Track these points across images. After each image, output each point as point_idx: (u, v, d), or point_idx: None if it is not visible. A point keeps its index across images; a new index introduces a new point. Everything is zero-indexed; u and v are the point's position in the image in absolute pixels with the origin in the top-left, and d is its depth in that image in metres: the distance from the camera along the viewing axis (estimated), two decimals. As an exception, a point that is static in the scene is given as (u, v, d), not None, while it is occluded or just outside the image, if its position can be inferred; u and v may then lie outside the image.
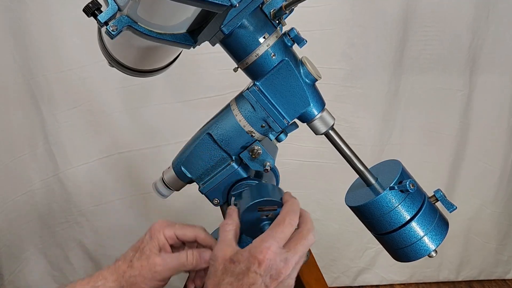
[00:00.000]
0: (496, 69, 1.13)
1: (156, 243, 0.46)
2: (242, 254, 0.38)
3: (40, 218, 1.13)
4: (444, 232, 0.47)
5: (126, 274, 0.45)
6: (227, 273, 0.38)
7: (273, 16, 0.46)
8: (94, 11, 0.40)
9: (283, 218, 0.40)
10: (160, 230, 0.46)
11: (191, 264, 0.45)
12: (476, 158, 1.20)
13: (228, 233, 0.41)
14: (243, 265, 0.37)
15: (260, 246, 0.38)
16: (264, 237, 0.39)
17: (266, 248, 0.37)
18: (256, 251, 0.37)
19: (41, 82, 1.02)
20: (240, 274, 0.37)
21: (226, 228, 0.42)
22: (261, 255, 0.37)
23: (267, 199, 0.44)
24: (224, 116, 0.50)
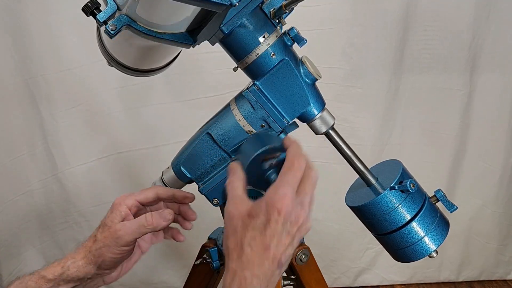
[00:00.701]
0: (496, 69, 1.13)
1: (117, 214, 0.47)
2: (260, 206, 0.37)
3: (39, 218, 1.13)
4: (445, 232, 0.47)
5: (92, 248, 0.47)
6: (248, 229, 0.37)
7: (273, 15, 0.46)
8: (93, 10, 0.40)
9: (292, 163, 0.39)
10: (120, 203, 0.48)
11: (151, 224, 0.46)
12: (476, 158, 1.19)
13: (237, 189, 0.40)
14: (263, 217, 0.37)
15: (277, 195, 0.37)
16: (279, 185, 0.38)
17: (283, 196, 0.37)
18: (273, 200, 0.37)
19: (39, 81, 1.02)
20: (262, 226, 0.36)
21: (234, 185, 0.40)
22: (279, 204, 0.36)
23: (270, 147, 0.42)
24: (223, 115, 0.50)
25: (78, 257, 0.48)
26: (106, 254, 0.46)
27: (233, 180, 0.41)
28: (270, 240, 0.36)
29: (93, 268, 0.47)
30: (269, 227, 0.36)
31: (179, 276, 1.21)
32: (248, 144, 0.44)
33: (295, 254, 0.57)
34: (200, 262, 0.59)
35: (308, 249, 0.58)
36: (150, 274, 1.22)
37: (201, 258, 0.59)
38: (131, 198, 0.48)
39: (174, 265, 1.22)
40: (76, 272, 0.47)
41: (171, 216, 0.48)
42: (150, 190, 0.50)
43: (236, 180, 0.40)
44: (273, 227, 0.36)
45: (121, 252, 0.47)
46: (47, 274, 0.47)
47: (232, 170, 0.42)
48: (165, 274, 1.22)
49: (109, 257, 0.47)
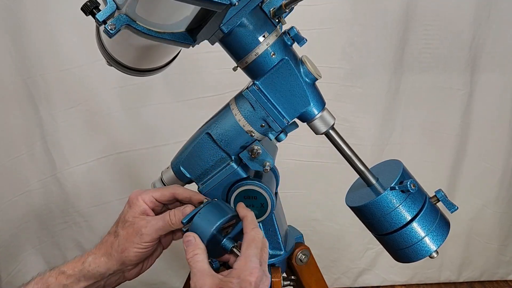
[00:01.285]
0: (497, 68, 1.12)
1: (137, 209, 0.47)
2: (231, 281, 0.39)
3: (38, 218, 1.13)
4: (446, 232, 0.46)
5: (115, 244, 0.46)
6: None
7: (272, 15, 0.46)
8: (92, 10, 0.40)
9: (253, 236, 0.42)
10: (137, 197, 0.48)
11: (176, 222, 0.46)
12: (477, 158, 1.19)
13: (202, 262, 0.41)
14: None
15: (248, 269, 0.39)
16: (247, 259, 0.40)
17: (254, 269, 0.40)
18: (246, 274, 0.39)
19: (38, 81, 1.02)
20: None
21: (197, 258, 0.41)
22: (252, 277, 0.39)
23: (229, 216, 0.45)
24: (223, 115, 0.50)
25: (99, 253, 0.47)
26: (131, 249, 0.46)
27: (196, 253, 0.42)
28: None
29: (116, 264, 0.47)
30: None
31: (179, 277, 1.21)
32: (204, 215, 0.44)
33: (295, 255, 0.57)
34: (199, 262, 0.59)
35: (308, 249, 0.58)
36: (149, 275, 1.20)
37: (201, 258, 0.59)
38: (147, 193, 0.48)
39: (173, 266, 1.21)
40: (97, 268, 0.46)
41: None
42: (167, 188, 0.49)
43: (200, 253, 0.42)
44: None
45: (145, 247, 0.46)
46: (67, 269, 0.46)
47: (190, 242, 0.43)
48: (164, 274, 1.22)
49: (133, 252, 0.46)
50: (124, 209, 0.48)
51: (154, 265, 1.40)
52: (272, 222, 0.54)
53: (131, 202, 0.48)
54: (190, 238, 0.43)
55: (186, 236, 0.43)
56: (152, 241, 0.47)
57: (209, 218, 0.44)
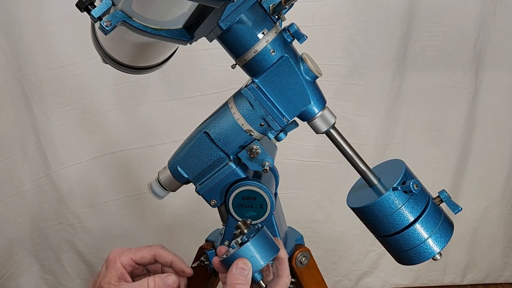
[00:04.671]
0: (503, 66, 1.11)
1: (113, 273, 0.45)
2: None
3: (32, 219, 1.13)
4: (449, 234, 0.46)
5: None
6: None
7: (272, 11, 0.45)
8: (87, 6, 0.39)
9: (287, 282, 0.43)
10: (115, 260, 0.45)
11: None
12: (482, 158, 1.18)
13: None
14: None
15: None
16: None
17: None
18: None
19: (32, 79, 1.01)
20: None
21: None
22: None
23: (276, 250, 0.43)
24: (221, 114, 0.50)
25: None
26: None
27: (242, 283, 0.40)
28: None
29: None
30: None
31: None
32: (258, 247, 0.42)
33: (295, 257, 0.56)
34: (197, 265, 0.58)
35: (308, 252, 0.57)
36: (146, 277, 1.20)
37: (199, 261, 0.58)
38: (126, 256, 0.46)
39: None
40: None
41: (175, 284, 0.46)
42: (147, 250, 0.47)
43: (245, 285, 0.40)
44: None
45: None
46: None
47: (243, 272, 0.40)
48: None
49: None
50: (101, 271, 0.46)
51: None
52: (272, 223, 0.53)
53: (109, 265, 0.46)
54: (246, 268, 0.41)
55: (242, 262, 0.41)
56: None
57: (263, 251, 0.42)
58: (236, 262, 0.41)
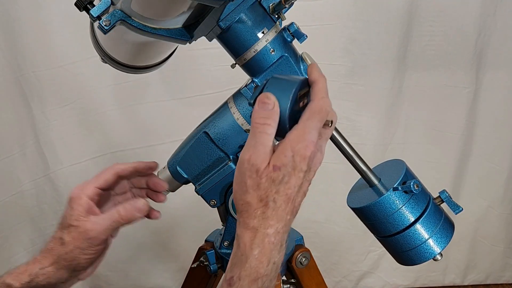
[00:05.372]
0: (503, 66, 1.11)
1: (80, 209, 0.43)
2: (285, 156, 0.34)
3: (30, 220, 1.12)
4: (450, 234, 0.46)
5: (62, 252, 0.43)
6: (274, 183, 0.34)
7: (272, 10, 0.45)
8: (86, 5, 0.39)
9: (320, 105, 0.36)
10: (79, 195, 0.44)
11: (125, 217, 0.43)
12: (482, 158, 1.18)
13: (270, 136, 0.35)
14: (289, 168, 0.34)
15: (305, 140, 0.34)
16: (306, 128, 0.35)
17: (311, 143, 0.34)
18: (300, 147, 0.34)
19: (30, 78, 1.01)
20: (287, 178, 0.34)
21: (268, 130, 0.34)
22: (307, 152, 0.34)
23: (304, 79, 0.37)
24: (221, 114, 0.50)
25: (46, 262, 0.43)
26: (80, 256, 0.42)
27: (269, 123, 0.35)
28: (292, 191, 0.35)
29: (66, 273, 0.43)
30: (294, 177, 0.34)
31: (175, 280, 1.20)
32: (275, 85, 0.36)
33: (295, 257, 0.56)
34: (197, 265, 0.58)
35: (308, 252, 0.57)
36: (144, 277, 1.20)
37: (198, 261, 0.58)
38: (89, 186, 0.44)
39: (169, 268, 1.20)
40: (46, 279, 0.43)
41: (146, 206, 0.44)
42: (108, 171, 0.46)
43: (272, 124, 0.35)
44: (297, 177, 0.35)
45: (96, 251, 0.43)
46: (13, 282, 0.42)
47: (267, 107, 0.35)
48: (160, 277, 1.21)
49: (83, 259, 0.43)
50: (65, 211, 0.44)
51: (149, 268, 1.39)
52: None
53: (73, 202, 0.43)
54: (270, 102, 0.35)
55: (265, 97, 0.35)
56: (101, 244, 0.43)
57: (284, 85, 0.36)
58: (258, 98, 0.35)
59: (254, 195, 0.34)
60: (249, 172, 0.35)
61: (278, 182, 0.34)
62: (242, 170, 0.35)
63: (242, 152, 0.35)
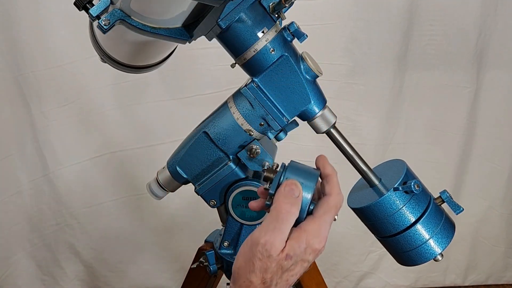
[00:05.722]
0: (503, 66, 1.11)
1: None
2: (299, 246, 0.36)
3: (29, 220, 1.12)
4: (451, 234, 0.45)
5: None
6: (282, 269, 0.36)
7: (272, 10, 0.45)
8: (86, 4, 0.39)
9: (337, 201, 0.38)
10: None
11: None
12: (483, 158, 1.18)
13: (290, 225, 0.36)
14: (299, 257, 0.36)
15: (320, 235, 0.36)
16: (322, 223, 0.37)
17: (324, 238, 0.37)
18: (316, 241, 0.36)
19: (29, 78, 1.01)
20: (293, 265, 0.36)
21: (290, 219, 0.36)
22: (320, 245, 0.36)
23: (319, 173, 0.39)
24: (221, 114, 0.50)
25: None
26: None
27: (293, 212, 0.36)
28: (294, 278, 0.36)
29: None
30: (298, 266, 0.36)
31: (175, 280, 1.20)
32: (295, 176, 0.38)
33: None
34: (196, 266, 0.58)
35: (308, 252, 0.56)
36: (144, 278, 1.20)
37: (198, 262, 0.58)
38: None
39: (169, 269, 1.20)
40: None
41: None
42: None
43: (295, 214, 0.36)
44: (301, 266, 0.37)
45: None
46: None
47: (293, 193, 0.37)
48: (160, 278, 1.21)
49: None
50: None
51: (149, 268, 1.38)
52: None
53: None
54: (297, 190, 0.37)
55: (294, 185, 0.37)
56: None
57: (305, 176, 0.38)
58: (285, 183, 0.37)
59: (259, 276, 0.36)
60: (260, 255, 0.35)
61: (286, 269, 0.36)
62: (254, 250, 0.36)
63: (258, 232, 0.36)
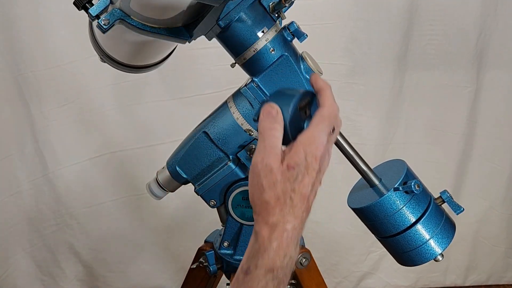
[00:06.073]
0: (504, 66, 1.11)
1: None
2: (298, 156, 0.36)
3: (29, 220, 1.11)
4: (451, 235, 0.46)
5: None
6: (289, 181, 0.36)
7: (272, 10, 0.45)
8: (85, 4, 0.39)
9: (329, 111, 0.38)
10: None
11: None
12: (484, 158, 1.18)
13: (277, 139, 0.37)
14: (302, 167, 0.36)
15: (316, 143, 0.37)
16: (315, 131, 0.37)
17: (321, 144, 0.37)
18: (312, 149, 0.37)
19: (29, 78, 1.00)
20: (301, 177, 0.36)
21: (275, 133, 0.37)
22: (318, 152, 0.37)
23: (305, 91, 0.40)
24: (221, 113, 0.50)
25: None
26: None
27: (275, 127, 0.38)
28: (307, 190, 0.36)
29: None
30: (307, 176, 0.36)
31: (174, 281, 1.20)
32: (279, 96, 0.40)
33: (295, 258, 0.55)
34: (196, 266, 0.58)
35: (308, 253, 0.57)
36: (144, 278, 1.20)
37: (198, 262, 0.58)
38: None
39: (169, 269, 1.20)
40: None
41: None
42: None
43: (278, 128, 0.38)
44: (310, 176, 0.37)
45: None
46: None
47: (271, 114, 0.38)
48: (160, 278, 1.20)
49: None
50: None
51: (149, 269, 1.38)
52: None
53: None
54: (273, 110, 0.38)
55: (269, 106, 0.38)
56: None
57: (286, 96, 0.40)
58: (262, 108, 0.39)
59: (271, 194, 0.36)
60: (263, 173, 0.36)
61: (293, 180, 0.36)
62: (256, 172, 0.37)
63: (254, 157, 0.38)
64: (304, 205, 0.36)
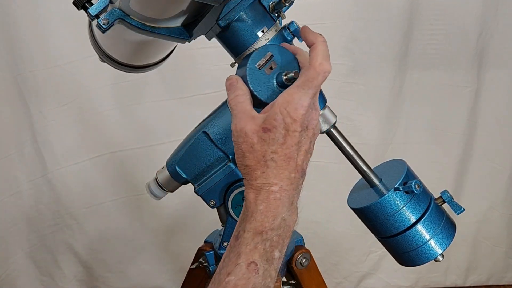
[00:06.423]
0: (504, 65, 1.11)
1: None
2: (275, 118, 0.35)
3: (28, 220, 1.11)
4: (451, 235, 0.45)
5: None
6: (267, 143, 0.36)
7: (272, 9, 0.45)
8: (85, 4, 0.39)
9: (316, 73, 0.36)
10: None
11: None
12: (484, 158, 1.18)
13: (244, 103, 0.37)
14: (280, 129, 0.35)
15: (293, 104, 0.35)
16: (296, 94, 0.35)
17: (301, 106, 0.35)
18: (290, 109, 0.35)
19: (28, 78, 1.01)
20: (281, 138, 0.36)
21: (239, 99, 0.37)
22: (297, 113, 0.35)
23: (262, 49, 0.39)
24: (220, 113, 0.50)
25: None
26: None
27: (238, 94, 0.38)
28: (291, 150, 0.36)
29: None
30: (289, 137, 0.36)
31: (174, 281, 1.20)
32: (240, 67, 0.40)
33: (295, 258, 0.55)
34: (196, 266, 0.58)
35: (308, 253, 0.57)
36: (144, 278, 1.20)
37: (197, 262, 0.58)
38: None
39: (169, 269, 1.20)
40: None
41: None
42: None
43: (241, 94, 0.38)
44: (292, 137, 0.36)
45: None
46: None
47: (232, 85, 0.39)
48: (159, 278, 1.20)
49: None
50: None
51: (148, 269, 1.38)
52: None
53: None
54: (232, 81, 0.39)
55: (228, 80, 0.39)
56: None
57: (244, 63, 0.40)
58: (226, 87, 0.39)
59: (250, 157, 0.36)
60: (241, 139, 0.36)
61: (272, 142, 0.36)
62: (234, 140, 0.37)
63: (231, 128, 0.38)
64: (291, 165, 0.36)
